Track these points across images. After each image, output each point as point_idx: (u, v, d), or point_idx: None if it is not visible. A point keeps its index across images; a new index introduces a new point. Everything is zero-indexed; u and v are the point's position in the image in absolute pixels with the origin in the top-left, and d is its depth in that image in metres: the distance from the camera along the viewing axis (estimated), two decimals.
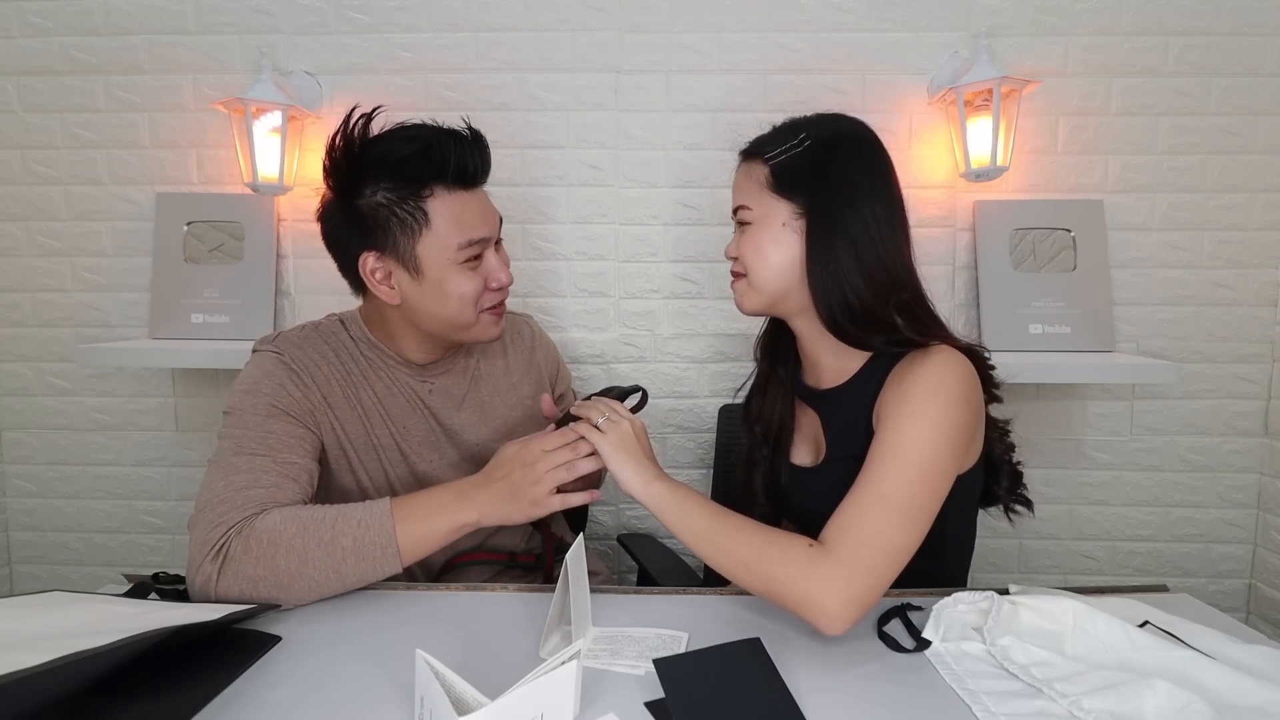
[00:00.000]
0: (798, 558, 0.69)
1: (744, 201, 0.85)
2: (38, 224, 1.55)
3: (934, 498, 0.71)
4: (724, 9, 1.47)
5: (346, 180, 0.86)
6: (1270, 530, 1.53)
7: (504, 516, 0.81)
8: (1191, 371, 1.52)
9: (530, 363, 1.09)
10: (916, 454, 0.71)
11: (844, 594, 0.66)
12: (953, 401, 0.73)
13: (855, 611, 0.67)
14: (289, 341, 0.92)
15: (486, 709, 0.49)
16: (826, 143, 0.82)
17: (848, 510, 0.71)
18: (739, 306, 0.89)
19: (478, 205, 0.90)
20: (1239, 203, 1.49)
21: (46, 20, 1.50)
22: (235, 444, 0.82)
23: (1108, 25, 1.46)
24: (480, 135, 0.90)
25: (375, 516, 0.78)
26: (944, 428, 0.72)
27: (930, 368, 0.75)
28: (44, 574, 1.66)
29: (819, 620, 0.67)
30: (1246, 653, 0.65)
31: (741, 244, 0.85)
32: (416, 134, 0.86)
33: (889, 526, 0.69)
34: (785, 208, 0.82)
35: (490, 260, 0.91)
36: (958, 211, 1.51)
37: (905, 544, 0.69)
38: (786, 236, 0.82)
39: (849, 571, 0.67)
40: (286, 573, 0.74)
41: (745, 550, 0.71)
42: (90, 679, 0.54)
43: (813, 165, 0.81)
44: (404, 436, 0.96)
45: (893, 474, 0.70)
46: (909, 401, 0.73)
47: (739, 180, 0.87)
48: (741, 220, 0.86)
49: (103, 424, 1.60)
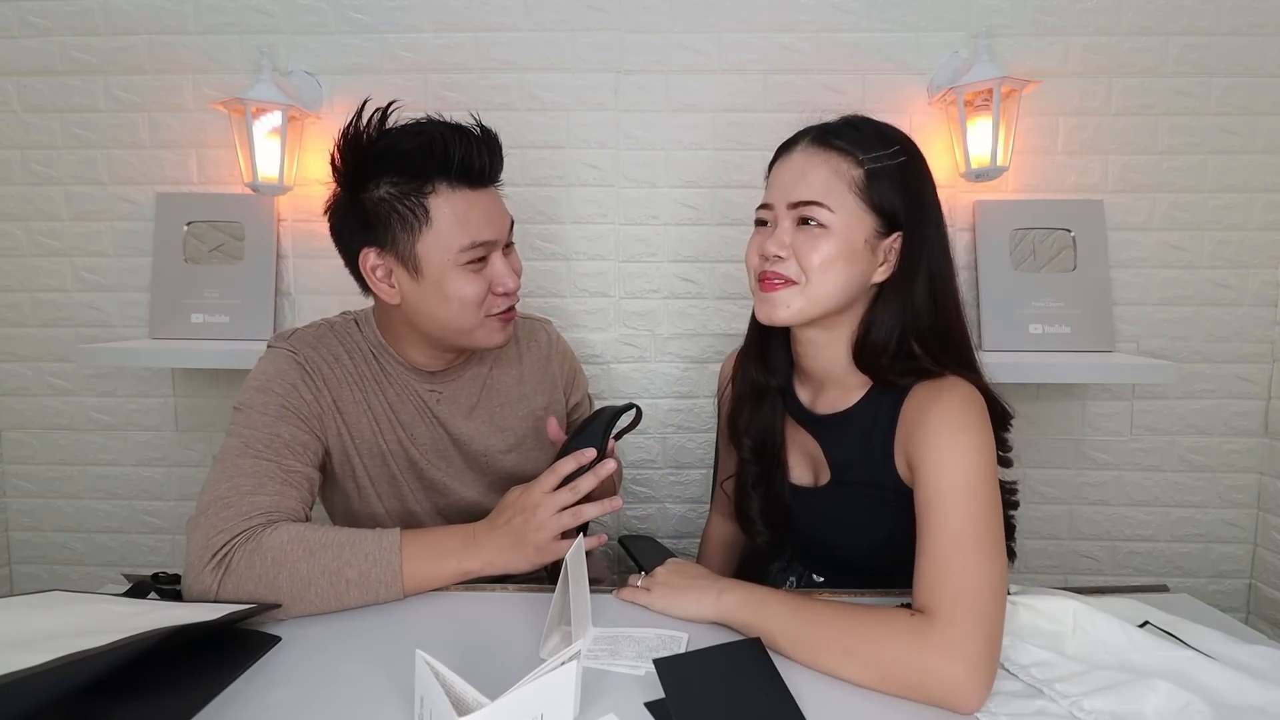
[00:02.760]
0: (902, 629, 0.62)
1: (823, 199, 0.74)
2: (38, 224, 1.55)
3: (999, 522, 0.68)
4: (724, 9, 1.47)
5: (352, 173, 0.85)
6: (1270, 530, 1.53)
7: (508, 565, 0.80)
8: (1191, 371, 1.52)
9: (545, 372, 1.06)
10: (970, 487, 0.67)
11: (967, 657, 0.59)
12: (981, 428, 0.71)
13: (986, 674, 0.60)
14: (304, 341, 0.91)
15: (486, 709, 0.49)
16: (919, 159, 0.77)
17: (928, 566, 0.66)
18: (772, 315, 0.78)
19: (484, 205, 0.87)
20: (1239, 203, 1.49)
21: (46, 20, 1.50)
22: (243, 443, 0.82)
23: (1108, 25, 1.46)
24: (491, 133, 0.87)
25: (384, 551, 0.77)
26: (983, 454, 0.69)
27: (954, 402, 0.72)
28: (44, 574, 1.66)
29: (954, 696, 0.59)
30: (1246, 653, 0.65)
31: (805, 248, 0.75)
32: (422, 129, 0.84)
33: (975, 565, 0.64)
34: (871, 223, 0.75)
35: (497, 264, 0.87)
36: (958, 211, 1.51)
37: (996, 578, 0.64)
38: (864, 255, 0.75)
39: (963, 630, 0.61)
40: (288, 594, 0.74)
41: (843, 636, 0.64)
42: (90, 679, 0.54)
43: (906, 190, 0.75)
44: (413, 442, 0.94)
45: (955, 514, 0.66)
46: (945, 440, 0.70)
47: (812, 168, 0.76)
48: (810, 218, 0.75)
49: (103, 424, 1.60)
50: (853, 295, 0.77)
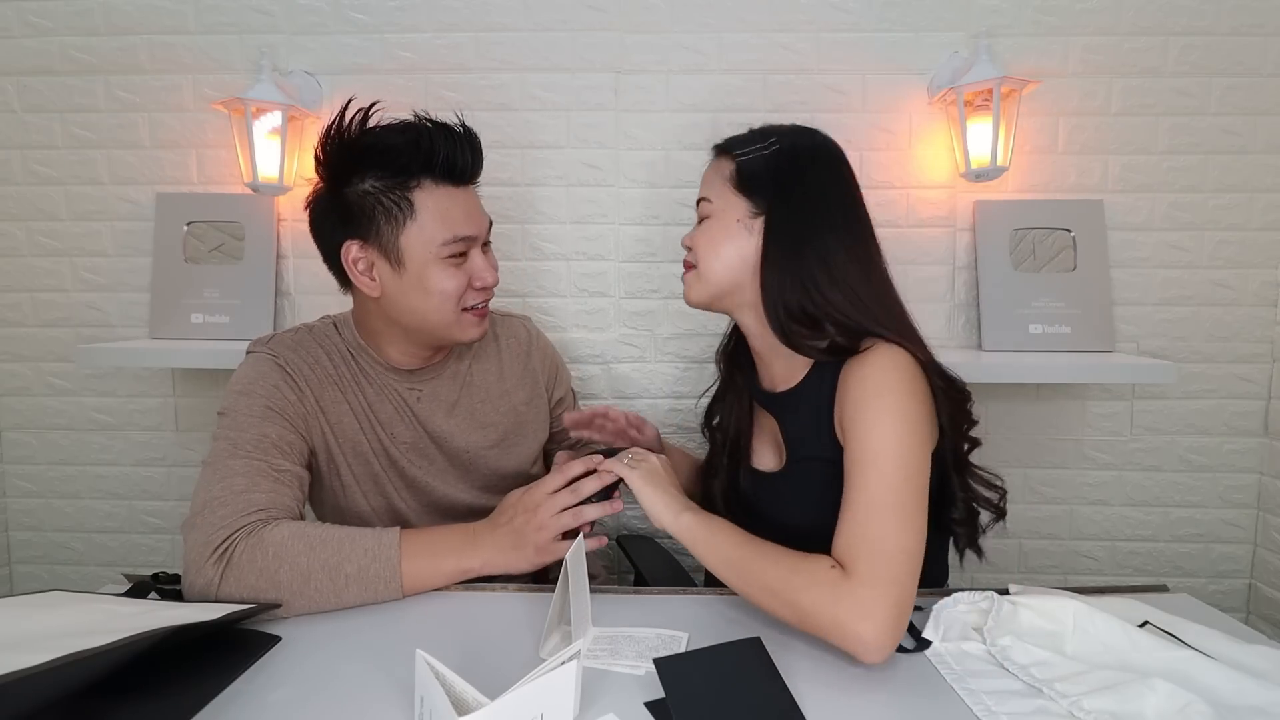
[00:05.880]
0: (822, 581, 0.68)
1: (706, 194, 0.87)
2: (38, 224, 1.55)
3: (919, 490, 0.71)
4: (724, 9, 1.47)
5: (337, 169, 0.86)
6: (1270, 530, 1.53)
7: (508, 565, 0.81)
8: (1191, 371, 1.52)
9: (526, 367, 1.08)
10: (889, 453, 0.71)
11: (877, 617, 0.64)
12: (901, 393, 0.74)
13: (892, 634, 0.65)
14: (283, 344, 0.93)
15: (486, 709, 0.49)
16: (796, 152, 0.84)
17: (847, 527, 0.70)
18: (685, 297, 0.90)
19: (465, 202, 0.89)
20: (1239, 203, 1.49)
21: (46, 20, 1.50)
22: (231, 445, 0.82)
23: (1108, 25, 1.46)
24: (472, 132, 0.90)
25: (383, 548, 0.77)
26: (904, 420, 0.72)
27: (877, 368, 0.75)
28: (44, 574, 1.66)
29: (858, 650, 0.65)
30: (1246, 653, 0.65)
31: (697, 235, 0.88)
32: (408, 126, 0.87)
33: (891, 530, 0.68)
34: (743, 205, 0.84)
35: (476, 259, 0.91)
36: (958, 211, 1.51)
37: (912, 544, 0.69)
38: (740, 233, 0.84)
39: (875, 591, 0.65)
40: (288, 588, 0.74)
41: (770, 578, 0.71)
42: (90, 679, 0.55)
43: (778, 171, 0.83)
44: (393, 442, 0.96)
45: (874, 479, 0.70)
46: (865, 406, 0.74)
47: (706, 174, 0.90)
48: (701, 214, 0.88)
49: (103, 424, 1.60)
50: (738, 270, 0.84)
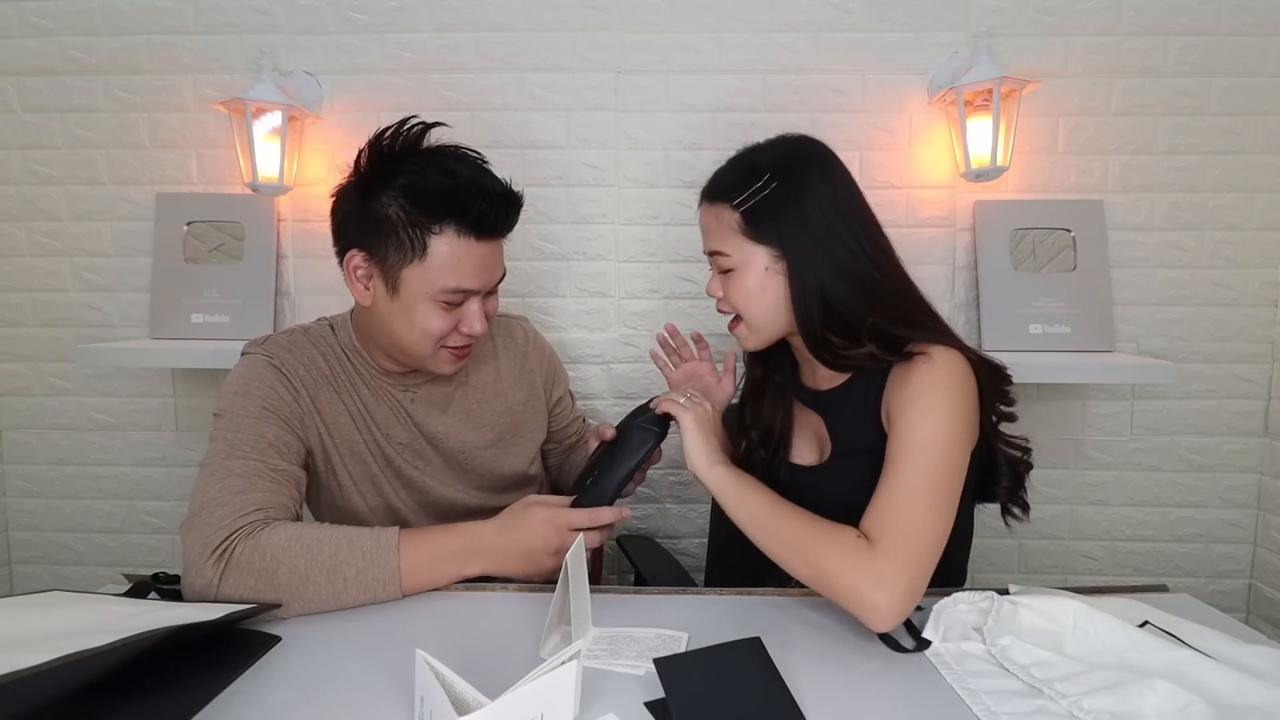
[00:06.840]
0: (846, 548, 0.71)
1: (720, 248, 0.85)
2: (38, 224, 1.55)
3: (954, 484, 0.74)
4: (724, 9, 1.47)
5: (372, 178, 0.85)
6: (1270, 530, 1.53)
7: (508, 574, 0.82)
8: (1191, 371, 1.52)
9: (523, 368, 1.08)
10: (932, 444, 0.73)
11: (892, 589, 0.67)
12: (955, 391, 0.76)
13: (903, 607, 0.68)
14: (278, 345, 0.92)
15: (486, 709, 0.49)
16: (792, 179, 0.82)
17: (879, 504, 0.73)
18: (743, 346, 0.90)
19: (481, 256, 0.87)
20: (1239, 203, 1.49)
21: (46, 20, 1.50)
22: (228, 446, 0.82)
23: (1108, 25, 1.46)
24: (515, 196, 0.89)
25: (381, 550, 0.77)
26: (951, 419, 0.75)
27: (932, 364, 0.77)
28: (44, 574, 1.66)
29: (868, 617, 0.68)
30: (1246, 653, 0.65)
31: (729, 291, 0.86)
32: (454, 172, 0.85)
33: (920, 514, 0.71)
34: (764, 253, 0.82)
35: (472, 306, 0.89)
36: (958, 211, 1.51)
37: (938, 530, 0.71)
38: (772, 280, 0.83)
39: (895, 566, 0.68)
40: (287, 590, 0.74)
41: (796, 535, 0.74)
42: (90, 679, 0.55)
43: (784, 206, 0.81)
44: (389, 442, 0.96)
45: (913, 465, 0.73)
46: (918, 398, 0.76)
47: (709, 224, 0.87)
48: (722, 266, 0.86)
49: (103, 424, 1.60)
50: (783, 311, 0.84)
